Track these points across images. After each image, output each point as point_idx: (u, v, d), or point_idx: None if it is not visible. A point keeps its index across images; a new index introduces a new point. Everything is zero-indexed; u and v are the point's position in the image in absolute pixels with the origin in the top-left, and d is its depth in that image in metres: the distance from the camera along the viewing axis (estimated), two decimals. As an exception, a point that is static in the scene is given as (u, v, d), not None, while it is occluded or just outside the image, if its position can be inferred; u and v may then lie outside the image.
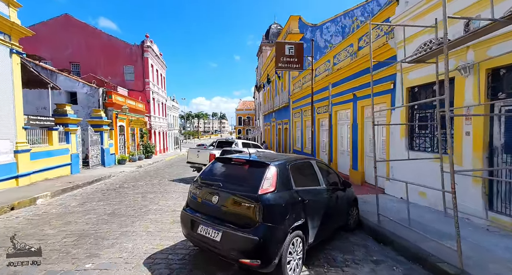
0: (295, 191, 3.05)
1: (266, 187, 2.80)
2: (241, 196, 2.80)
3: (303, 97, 14.10)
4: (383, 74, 7.02)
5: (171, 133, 35.07)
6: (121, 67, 25.76)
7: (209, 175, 3.44)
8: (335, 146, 10.45)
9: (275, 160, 3.17)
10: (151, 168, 16.22)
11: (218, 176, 3.37)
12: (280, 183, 2.92)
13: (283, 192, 2.89)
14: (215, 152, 9.73)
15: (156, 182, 10.40)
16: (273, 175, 2.92)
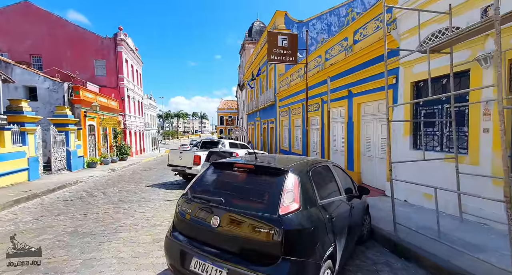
0: (321, 206, 2.32)
1: (288, 204, 2.04)
2: (254, 218, 2.02)
3: (291, 95, 13.55)
4: (383, 68, 6.55)
5: (149, 133, 33.04)
6: (91, 61, 23.59)
7: (204, 187, 2.60)
8: (327, 145, 9.97)
9: (291, 165, 2.41)
10: (126, 172, 14.74)
11: (217, 188, 2.54)
12: (304, 197, 2.17)
13: (309, 209, 2.15)
14: (200, 154, 8.77)
15: (131, 188, 9.19)
16: (294, 186, 2.16)
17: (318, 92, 10.34)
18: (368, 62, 7.18)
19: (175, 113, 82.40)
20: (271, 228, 1.90)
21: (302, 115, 12.27)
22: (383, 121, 6.92)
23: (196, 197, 2.45)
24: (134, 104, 27.44)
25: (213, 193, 2.43)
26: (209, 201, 2.29)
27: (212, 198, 2.29)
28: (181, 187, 9.16)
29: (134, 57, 27.84)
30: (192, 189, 2.63)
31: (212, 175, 2.71)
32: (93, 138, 17.84)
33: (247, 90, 26.91)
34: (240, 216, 2.06)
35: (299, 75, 12.30)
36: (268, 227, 1.91)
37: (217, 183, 2.58)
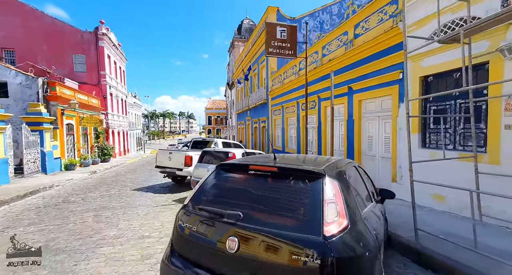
0: (364, 219, 1.81)
1: (333, 220, 1.52)
2: (289, 242, 1.48)
3: (285, 93, 13.12)
4: (388, 62, 6.24)
5: (133, 133, 31.58)
6: (70, 56, 22.07)
7: (212, 197, 2.03)
8: (324, 144, 9.60)
9: (324, 166, 1.89)
10: (109, 174, 13.71)
11: (229, 198, 1.96)
12: (349, 210, 1.65)
13: (357, 226, 1.63)
14: (191, 154, 8.10)
15: (114, 192, 8.36)
16: (336, 195, 1.64)
17: (315, 90, 9.96)
18: (370, 57, 6.85)
19: (161, 112, 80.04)
20: (315, 256, 1.38)
21: (297, 114, 11.87)
22: (386, 119, 6.61)
23: (203, 210, 1.87)
24: (118, 102, 26.05)
25: (225, 204, 1.87)
26: (221, 215, 1.72)
27: (226, 212, 1.72)
28: (170, 191, 8.44)
29: (117, 53, 26.44)
30: (195, 199, 2.04)
31: (220, 180, 2.13)
32: (71, 138, 16.55)
33: (236, 89, 26.29)
34: (267, 238, 1.51)
35: (294, 72, 11.89)
36: (310, 254, 1.39)
37: (229, 192, 2.01)
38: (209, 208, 1.84)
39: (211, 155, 7.05)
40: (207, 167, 6.68)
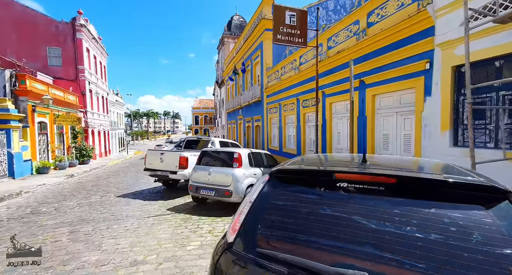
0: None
1: None
2: None
3: (283, 90, 12.37)
4: (411, 51, 5.64)
5: (115, 133, 29.58)
6: (43, 49, 20.08)
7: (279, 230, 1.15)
8: (329, 143, 8.94)
9: (478, 178, 1.09)
10: (88, 178, 12.27)
11: (312, 232, 1.09)
12: None
13: None
14: (186, 155, 7.10)
15: (96, 200, 7.17)
16: None
17: (319, 85, 9.26)
18: (388, 46, 6.24)
19: (145, 112, 76.76)
20: None
21: (296, 111, 11.15)
22: (407, 115, 6.01)
23: (275, 259, 0.98)
24: (98, 99, 24.15)
25: (311, 247, 1.03)
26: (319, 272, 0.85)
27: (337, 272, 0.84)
28: (163, 197, 7.38)
29: (97, 46, 24.54)
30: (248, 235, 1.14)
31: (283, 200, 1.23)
32: (44, 138, 14.81)
33: (227, 87, 25.26)
34: None
35: (293, 67, 11.17)
36: None
37: (308, 221, 1.14)
38: (294, 259, 0.95)
39: (211, 156, 6.11)
40: (208, 170, 5.73)
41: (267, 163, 6.71)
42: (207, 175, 5.67)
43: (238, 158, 5.63)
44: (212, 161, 5.97)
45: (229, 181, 5.39)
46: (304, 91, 10.44)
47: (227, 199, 5.36)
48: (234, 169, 5.51)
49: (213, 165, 5.88)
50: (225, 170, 5.55)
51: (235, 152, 5.72)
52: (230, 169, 5.52)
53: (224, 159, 5.83)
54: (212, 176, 5.60)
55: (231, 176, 5.39)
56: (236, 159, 5.61)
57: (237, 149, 6.00)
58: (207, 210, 5.83)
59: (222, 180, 5.48)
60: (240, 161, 5.62)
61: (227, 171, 5.50)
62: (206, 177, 5.68)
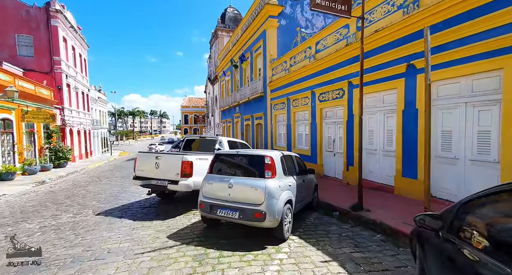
0: None
1: None
2: None
3: (293, 82, 10.82)
4: (501, 20, 4.21)
5: (98, 132, 26.83)
6: (11, 36, 17.35)
7: None
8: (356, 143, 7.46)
9: None
10: (63, 185, 10.09)
11: None
12: None
13: None
14: (191, 159, 5.32)
15: (67, 220, 5.24)
16: None
17: (343, 74, 7.79)
18: (458, 16, 4.80)
19: (130, 110, 72.61)
20: None
21: (311, 106, 9.63)
22: (483, 106, 4.61)
23: None
24: (77, 95, 21.51)
25: None
26: None
27: None
28: (158, 214, 5.56)
29: (76, 37, 21.87)
30: None
31: None
32: (9, 137, 12.35)
33: (221, 83, 23.40)
34: None
35: (308, 55, 9.63)
36: None
37: None
38: None
39: (230, 161, 4.38)
40: (227, 181, 4.02)
41: (299, 168, 5.10)
42: (227, 189, 3.97)
43: (271, 164, 3.97)
44: (232, 169, 4.26)
45: (260, 197, 3.72)
46: (321, 82, 8.93)
47: (259, 224, 3.69)
48: (266, 179, 3.85)
49: (234, 174, 4.17)
50: (254, 181, 3.87)
51: (265, 156, 4.04)
52: (260, 181, 3.85)
53: (249, 166, 4.14)
54: (235, 190, 3.90)
55: (262, 191, 3.73)
56: (268, 166, 3.94)
57: (267, 152, 4.31)
58: (228, 237, 4.11)
59: (250, 196, 3.80)
60: (273, 168, 3.97)
61: (257, 183, 3.83)
62: (225, 191, 3.97)
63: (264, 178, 3.88)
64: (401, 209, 5.07)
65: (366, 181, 7.19)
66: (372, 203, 5.36)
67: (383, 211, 5.00)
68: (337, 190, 7.18)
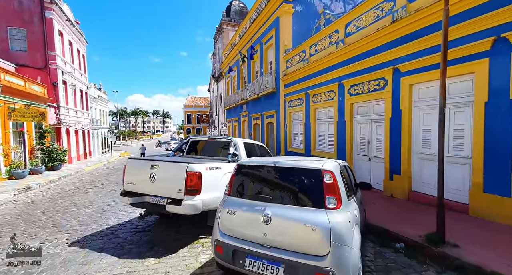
0: None
1: None
2: None
3: (313, 74, 9.23)
4: None
5: (98, 132, 25.39)
6: (3, 29, 15.89)
7: None
8: (405, 145, 5.84)
9: None
10: (49, 193, 8.55)
11: None
12: None
13: None
14: (199, 169, 3.73)
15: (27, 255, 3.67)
16: None
17: (387, 59, 6.18)
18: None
19: (133, 110, 71.19)
20: None
21: (337, 101, 8.03)
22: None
23: None
24: (75, 93, 20.04)
25: None
26: None
27: None
28: (154, 246, 3.96)
29: (74, 31, 20.39)
30: None
31: None
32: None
33: (226, 81, 21.83)
34: None
35: (334, 41, 8.01)
36: None
37: None
38: None
39: (262, 178, 2.76)
40: (262, 211, 2.41)
41: (353, 184, 3.51)
42: (260, 224, 2.38)
43: (333, 185, 2.37)
44: (268, 190, 2.65)
45: (322, 244, 2.13)
46: (353, 72, 7.32)
47: (320, 290, 2.11)
48: (329, 212, 2.25)
49: (271, 199, 2.56)
50: (308, 214, 2.26)
51: (323, 171, 2.42)
52: (319, 213, 2.24)
53: (297, 186, 2.53)
54: (275, 227, 2.31)
55: (325, 232, 2.14)
56: (330, 187, 2.34)
57: (320, 163, 2.68)
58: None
59: (303, 239, 2.20)
60: (337, 191, 2.37)
61: (314, 217, 2.22)
62: (258, 227, 2.39)
63: (325, 208, 2.28)
64: (507, 243, 3.46)
65: (418, 194, 5.58)
66: (448, 230, 3.76)
67: (479, 247, 3.40)
68: (381, 205, 5.56)
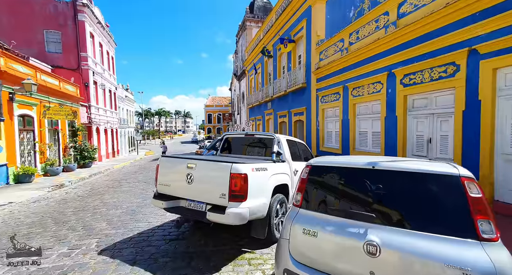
0: None
1: None
2: None
3: (356, 64, 8.24)
4: None
5: (125, 131, 26.04)
6: (40, 32, 16.58)
7: None
8: (488, 145, 4.71)
9: None
10: (80, 191, 8.43)
11: None
12: None
13: None
14: (246, 169, 3.04)
15: (53, 264, 3.21)
16: None
17: (461, 39, 5.08)
18: None
19: (156, 110, 73.48)
20: None
21: (385, 94, 6.99)
22: None
23: None
24: (104, 93, 20.55)
25: None
26: None
27: None
28: (191, 260, 3.32)
29: (104, 33, 20.92)
30: None
31: None
32: (30, 135, 11.14)
33: (249, 78, 21.23)
34: None
35: (385, 24, 6.98)
36: None
37: None
38: None
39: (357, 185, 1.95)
40: (363, 236, 1.62)
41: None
42: (363, 257, 1.59)
43: (483, 202, 1.52)
44: (362, 203, 1.85)
45: None
46: (409, 59, 6.26)
47: None
48: (487, 245, 1.39)
49: (374, 218, 1.74)
50: (446, 248, 1.39)
51: (464, 178, 1.57)
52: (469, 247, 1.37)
53: (415, 200, 1.68)
54: (389, 264, 1.52)
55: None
56: (479, 205, 1.49)
57: (440, 165, 1.82)
58: None
59: None
60: (491, 213, 1.52)
61: (458, 254, 1.38)
62: (360, 261, 1.58)
63: (479, 239, 1.42)
64: None
65: (504, 205, 4.45)
66: None
67: None
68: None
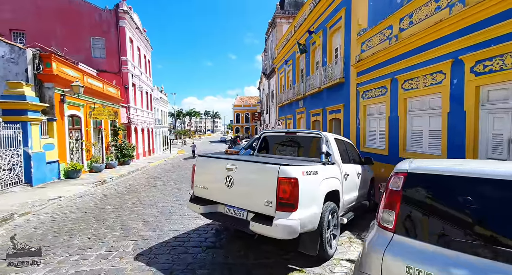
0: None
1: None
2: None
3: (407, 54, 7.18)
4: None
5: (159, 131, 27.28)
6: (87, 39, 17.95)
7: None
8: None
9: None
10: (119, 187, 8.72)
11: None
12: None
13: None
14: (296, 174, 2.52)
15: (91, 267, 3.06)
16: None
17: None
18: None
19: (187, 111, 76.63)
20: None
21: (450, 86, 5.87)
22: None
23: None
24: (142, 95, 21.65)
25: None
26: None
27: None
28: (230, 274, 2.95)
29: (141, 38, 22.04)
30: None
31: None
32: (78, 134, 12.00)
33: (279, 76, 20.64)
34: None
35: (447, 3, 5.89)
36: None
37: None
38: None
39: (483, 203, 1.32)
40: None
41: None
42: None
43: None
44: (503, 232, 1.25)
45: None
46: (482, 41, 5.13)
47: None
48: None
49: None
50: None
51: None
52: None
53: None
54: None
55: None
56: None
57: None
58: None
59: None
60: None
61: None
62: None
63: None
64: None
65: None
66: None
67: None
68: None
